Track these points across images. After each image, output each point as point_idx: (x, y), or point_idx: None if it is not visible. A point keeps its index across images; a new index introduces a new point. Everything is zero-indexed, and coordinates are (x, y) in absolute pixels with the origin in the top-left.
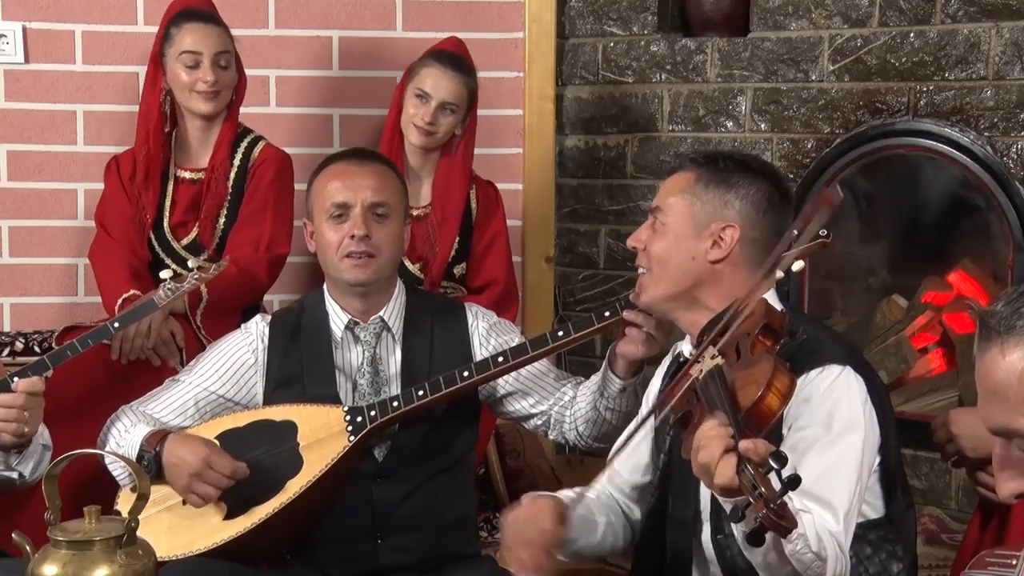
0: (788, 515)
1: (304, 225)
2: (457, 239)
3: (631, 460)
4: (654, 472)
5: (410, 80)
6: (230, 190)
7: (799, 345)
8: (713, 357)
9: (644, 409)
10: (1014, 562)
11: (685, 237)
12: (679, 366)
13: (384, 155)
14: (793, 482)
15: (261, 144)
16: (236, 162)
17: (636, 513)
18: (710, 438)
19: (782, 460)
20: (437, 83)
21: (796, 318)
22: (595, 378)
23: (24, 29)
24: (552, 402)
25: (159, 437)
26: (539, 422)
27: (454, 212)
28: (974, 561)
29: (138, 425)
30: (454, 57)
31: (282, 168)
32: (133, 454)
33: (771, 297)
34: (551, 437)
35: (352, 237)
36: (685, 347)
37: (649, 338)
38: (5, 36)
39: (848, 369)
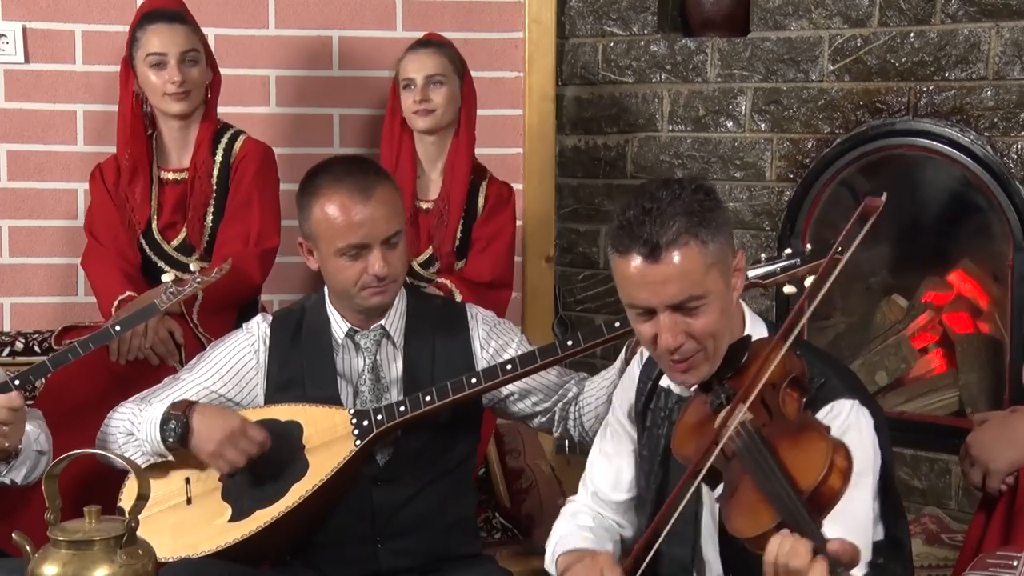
0: None
1: (300, 244)
2: (459, 233)
3: (610, 477)
4: (639, 490)
5: (398, 80)
6: (215, 187)
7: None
8: (738, 412)
9: (616, 412)
10: (1015, 563)
11: (723, 295)
12: (654, 393)
13: (381, 157)
14: None
15: (242, 138)
16: (218, 159)
17: (625, 529)
18: (796, 544)
19: (880, 569)
20: (416, 65)
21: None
22: (609, 373)
23: (24, 29)
24: (555, 399)
25: (185, 404)
26: (543, 419)
27: (459, 192)
28: (975, 562)
29: (153, 404)
30: (423, 41)
31: (264, 160)
32: (156, 423)
33: (760, 327)
34: (555, 434)
35: (376, 276)
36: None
37: None
38: (5, 36)
39: (856, 403)
